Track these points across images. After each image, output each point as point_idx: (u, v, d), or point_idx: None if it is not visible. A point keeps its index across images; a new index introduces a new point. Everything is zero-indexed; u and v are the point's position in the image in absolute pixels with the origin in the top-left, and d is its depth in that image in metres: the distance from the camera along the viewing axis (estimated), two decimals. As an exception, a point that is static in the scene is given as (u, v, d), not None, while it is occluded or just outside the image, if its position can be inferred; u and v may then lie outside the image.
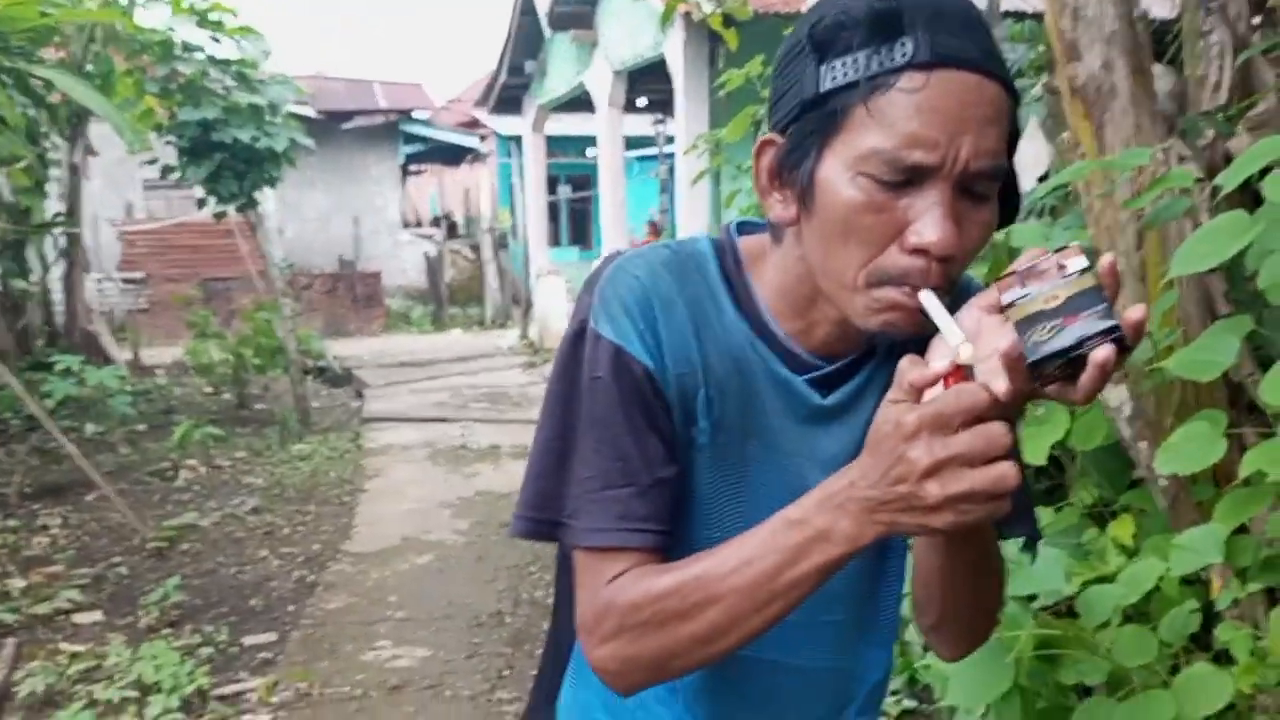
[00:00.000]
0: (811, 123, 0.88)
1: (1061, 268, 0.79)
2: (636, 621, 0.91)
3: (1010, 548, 1.04)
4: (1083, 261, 0.79)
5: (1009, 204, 0.93)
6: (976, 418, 0.75)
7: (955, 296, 0.92)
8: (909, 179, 0.85)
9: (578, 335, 0.97)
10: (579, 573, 0.97)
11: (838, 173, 0.87)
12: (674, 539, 0.97)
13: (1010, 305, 0.81)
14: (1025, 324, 0.79)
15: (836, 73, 0.86)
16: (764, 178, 0.94)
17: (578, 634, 0.97)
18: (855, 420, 1.01)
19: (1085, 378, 0.77)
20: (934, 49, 0.83)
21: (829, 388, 1.01)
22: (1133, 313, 0.77)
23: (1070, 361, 0.78)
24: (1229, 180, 1.63)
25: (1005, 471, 0.74)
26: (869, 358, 1.02)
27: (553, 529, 0.98)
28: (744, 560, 0.87)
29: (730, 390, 0.98)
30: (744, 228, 1.06)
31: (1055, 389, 0.80)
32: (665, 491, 0.96)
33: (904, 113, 0.83)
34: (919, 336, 0.88)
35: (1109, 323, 0.76)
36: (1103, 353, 0.76)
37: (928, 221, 0.85)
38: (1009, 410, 0.79)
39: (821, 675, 1.09)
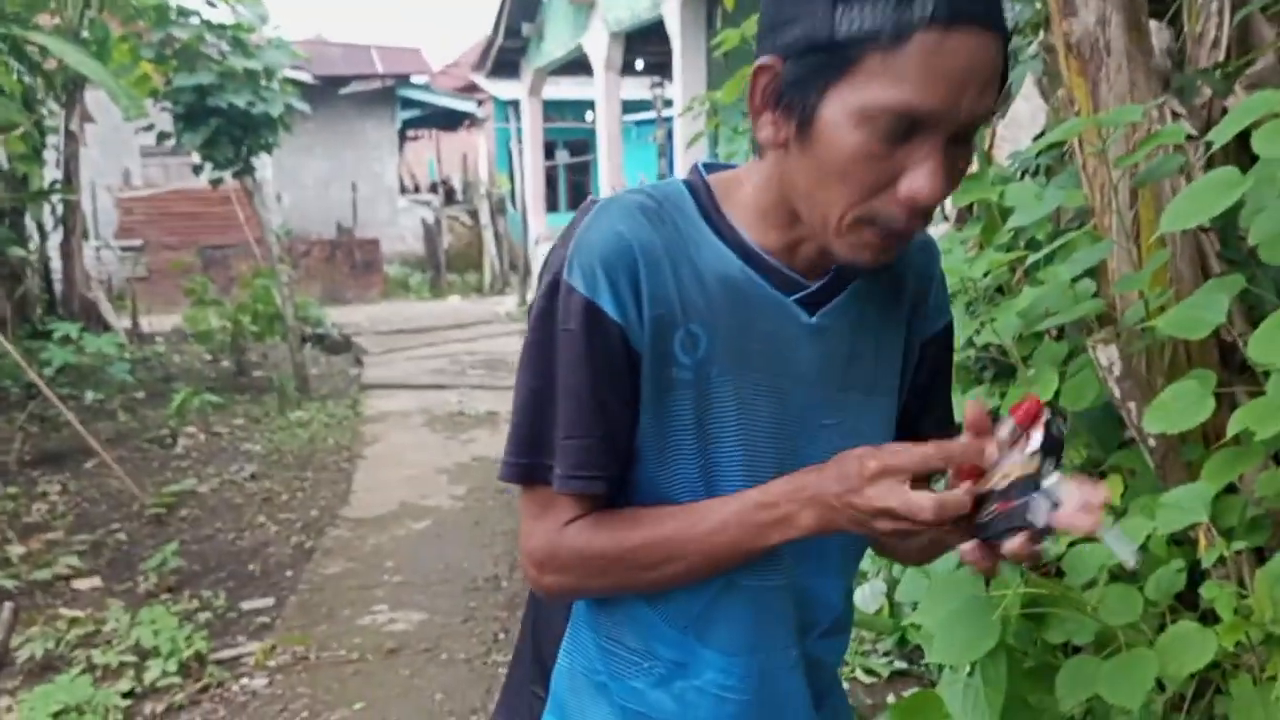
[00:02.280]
0: (817, 62, 0.89)
1: (1028, 438, 0.92)
2: (599, 565, 1.02)
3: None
4: (1038, 441, 0.92)
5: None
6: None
7: (915, 258, 1.09)
8: (910, 130, 0.88)
9: (553, 285, 0.99)
10: (530, 505, 1.05)
11: (841, 116, 0.89)
12: (635, 481, 1.03)
13: (980, 471, 0.94)
14: (981, 499, 0.93)
15: (854, 18, 0.86)
16: (758, 98, 0.95)
17: (521, 559, 1.07)
18: (831, 342, 1.05)
19: (985, 557, 0.94)
20: (953, 6, 0.84)
21: (814, 306, 1.04)
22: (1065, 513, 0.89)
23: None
24: (1220, 135, 1.61)
25: (948, 500, 0.89)
26: (851, 276, 1.05)
27: (541, 471, 1.02)
28: (712, 529, 0.99)
29: (720, 322, 1.01)
30: (710, 168, 1.08)
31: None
32: (619, 443, 1.01)
33: (918, 69, 0.85)
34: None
35: (1020, 522, 0.90)
36: (1010, 545, 0.90)
37: (922, 174, 0.89)
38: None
39: (800, 593, 1.12)
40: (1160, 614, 1.91)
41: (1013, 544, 0.89)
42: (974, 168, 2.83)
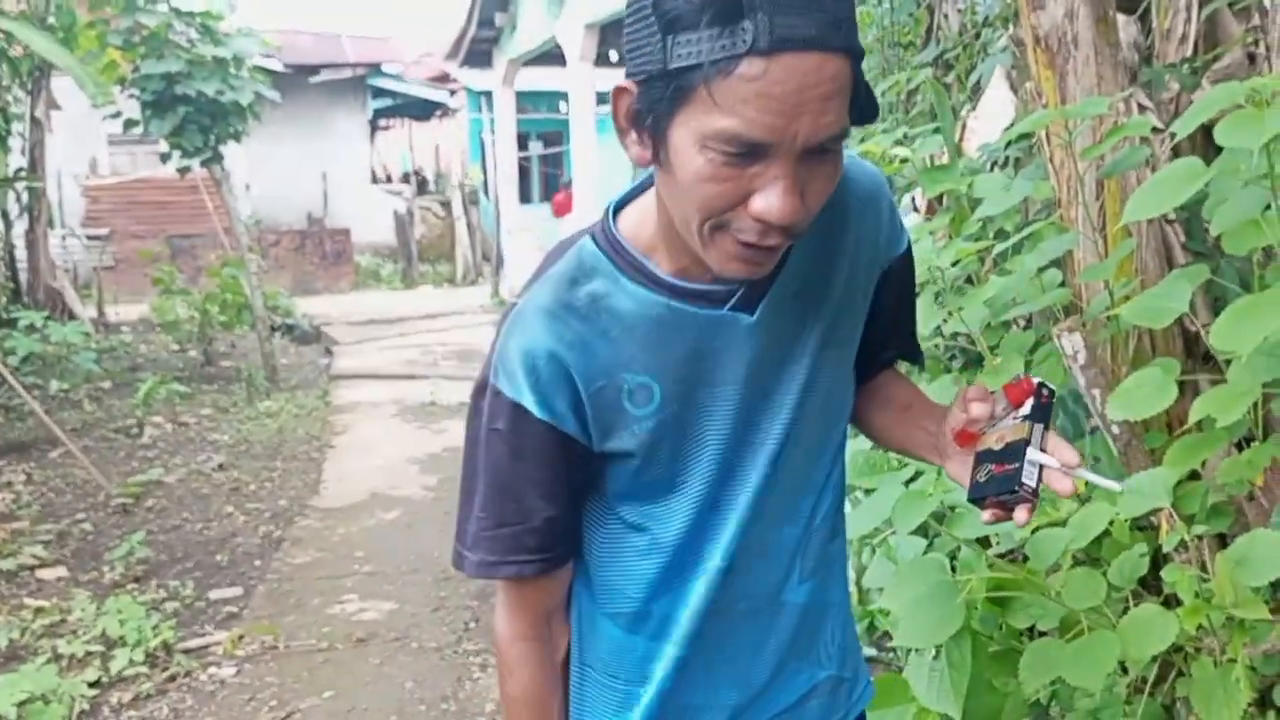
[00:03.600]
0: (659, 91, 0.90)
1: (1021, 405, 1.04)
2: (502, 674, 1.18)
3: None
4: (1028, 407, 1.03)
5: (869, 103, 0.96)
6: None
7: (857, 204, 1.12)
8: (752, 153, 0.89)
9: (481, 387, 1.08)
10: (499, 591, 1.17)
11: (686, 142, 0.90)
12: (574, 546, 1.15)
13: (976, 436, 1.07)
14: (979, 457, 1.05)
15: (681, 50, 0.87)
16: (621, 120, 0.98)
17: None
18: (781, 322, 1.08)
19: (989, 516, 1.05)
20: (774, 33, 0.84)
21: (751, 303, 1.06)
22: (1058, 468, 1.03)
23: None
24: (1184, 126, 1.64)
25: None
26: (782, 261, 1.06)
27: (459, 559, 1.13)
28: None
29: (665, 361, 1.05)
30: (621, 206, 1.11)
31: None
32: (556, 525, 1.10)
33: (743, 98, 0.86)
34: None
35: (1016, 485, 1.00)
36: (988, 515, 1.05)
37: (770, 195, 0.90)
38: None
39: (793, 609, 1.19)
40: (1123, 598, 1.94)
41: (1020, 516, 1.02)
42: (944, 159, 2.86)
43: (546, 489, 1.07)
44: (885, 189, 1.18)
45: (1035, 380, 1.04)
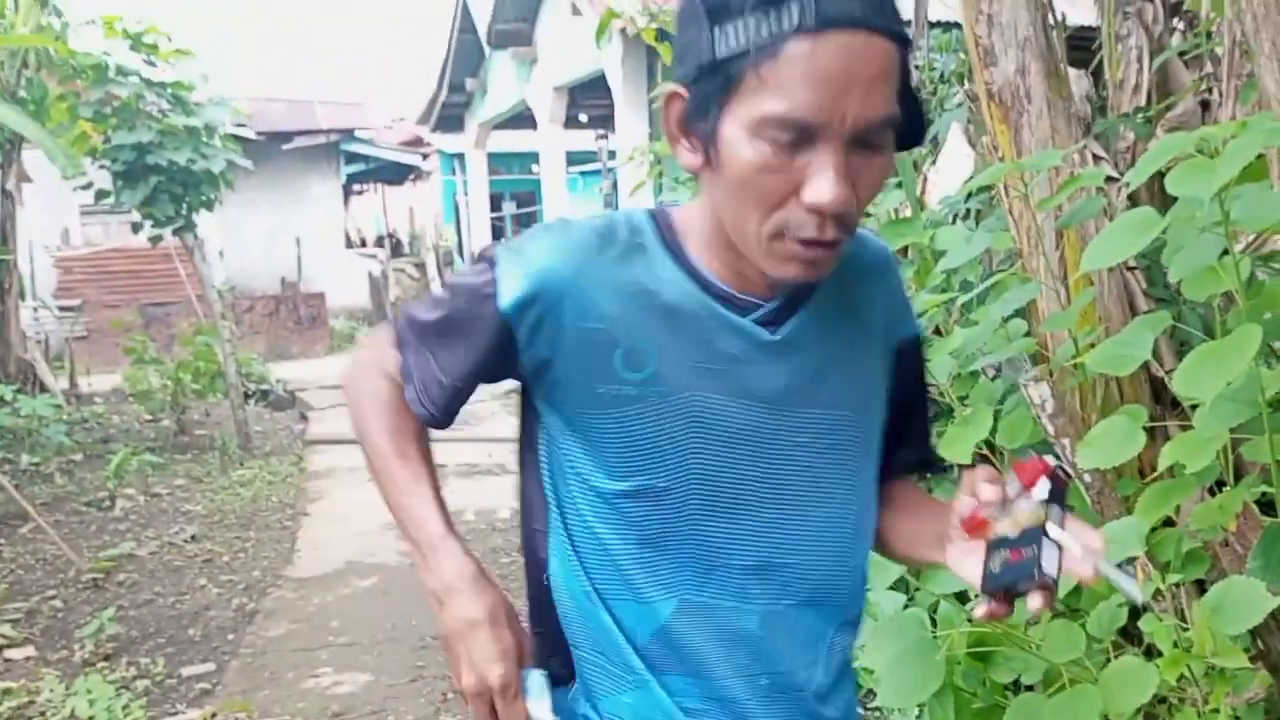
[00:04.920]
0: (709, 84, 0.92)
1: (1032, 489, 0.96)
2: (351, 393, 1.26)
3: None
4: (1045, 490, 0.95)
5: (916, 120, 0.99)
6: None
7: (870, 270, 1.11)
8: (802, 138, 0.90)
9: (485, 249, 1.09)
10: (382, 332, 1.21)
11: (737, 134, 0.92)
12: (596, 494, 1.08)
13: (987, 522, 0.98)
14: (991, 545, 0.97)
15: (729, 38, 0.90)
16: (673, 126, 1.00)
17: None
18: (796, 357, 1.06)
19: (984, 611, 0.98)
20: (820, 13, 0.86)
21: (775, 324, 1.05)
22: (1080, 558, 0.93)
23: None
24: (1137, 176, 1.65)
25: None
26: (807, 294, 1.06)
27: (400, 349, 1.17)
28: (402, 507, 1.17)
29: (672, 342, 1.03)
30: (675, 207, 1.12)
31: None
32: (452, 395, 1.13)
33: (791, 79, 0.87)
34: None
35: (1037, 572, 0.91)
36: (1034, 604, 0.93)
37: (821, 182, 0.90)
38: None
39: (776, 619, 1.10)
40: (1104, 649, 1.92)
41: (1035, 603, 0.93)
42: (906, 212, 2.89)
43: (461, 364, 1.10)
44: (896, 264, 1.17)
45: (1050, 461, 0.98)
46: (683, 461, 1.03)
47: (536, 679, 1.07)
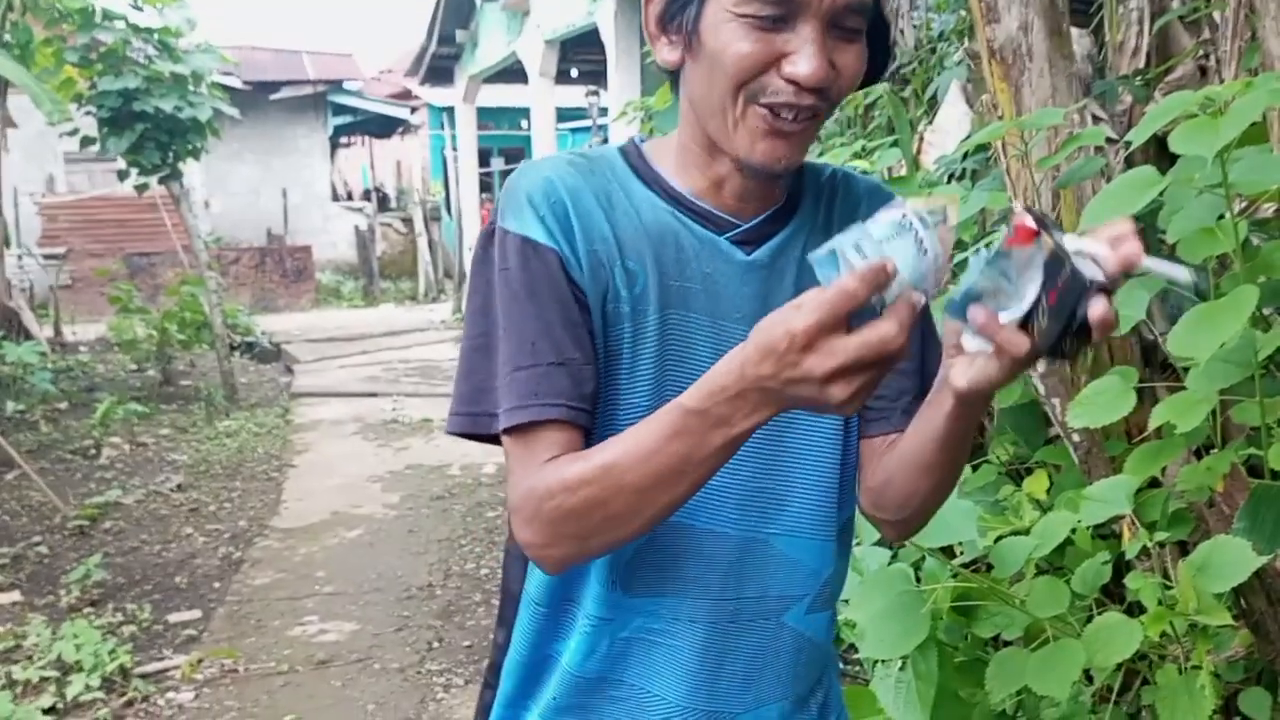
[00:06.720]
0: None
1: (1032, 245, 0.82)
2: (553, 508, 0.93)
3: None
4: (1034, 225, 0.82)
5: (882, 54, 1.03)
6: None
7: (861, 201, 1.10)
8: (783, 15, 0.93)
9: (488, 235, 1.03)
10: (508, 460, 0.99)
11: (717, 19, 0.95)
12: (596, 414, 1.00)
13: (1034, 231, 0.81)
14: (1028, 315, 0.83)
15: None
16: (652, 24, 1.03)
17: (509, 514, 1.00)
18: (773, 279, 1.06)
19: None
20: None
21: (751, 245, 1.06)
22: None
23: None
24: (1138, 135, 1.65)
25: (885, 334, 0.78)
26: (788, 216, 1.08)
27: (484, 420, 1.00)
28: (651, 450, 0.89)
29: (652, 262, 1.03)
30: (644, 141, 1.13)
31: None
32: (576, 370, 0.98)
33: None
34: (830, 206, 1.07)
35: (1085, 285, 0.80)
36: (1096, 313, 0.80)
37: (801, 55, 0.94)
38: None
39: (756, 546, 1.07)
40: (1087, 606, 1.94)
41: (1097, 311, 0.79)
42: (902, 171, 2.88)
43: (568, 328, 0.98)
44: (884, 192, 1.14)
45: (1029, 220, 0.82)
46: (662, 380, 1.03)
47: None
